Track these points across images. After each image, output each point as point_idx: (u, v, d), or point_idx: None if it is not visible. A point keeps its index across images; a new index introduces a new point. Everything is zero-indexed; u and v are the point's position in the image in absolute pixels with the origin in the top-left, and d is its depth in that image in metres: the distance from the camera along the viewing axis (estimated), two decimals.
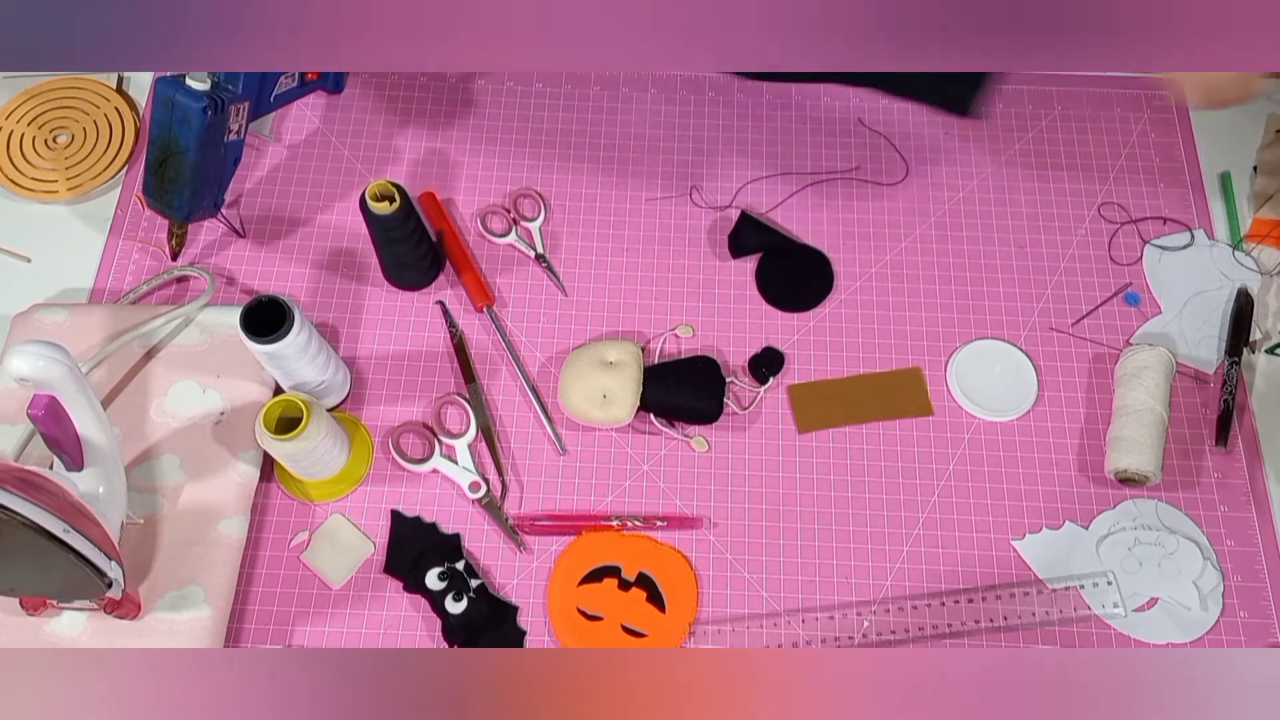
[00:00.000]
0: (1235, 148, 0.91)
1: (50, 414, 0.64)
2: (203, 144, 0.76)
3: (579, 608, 0.74)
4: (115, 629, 0.70)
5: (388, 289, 0.85)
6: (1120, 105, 0.93)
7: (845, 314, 0.84)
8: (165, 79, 0.74)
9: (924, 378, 0.82)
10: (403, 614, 0.74)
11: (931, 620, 0.74)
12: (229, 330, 0.80)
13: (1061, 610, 0.74)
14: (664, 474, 0.79)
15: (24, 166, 0.90)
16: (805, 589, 0.75)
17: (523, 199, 0.89)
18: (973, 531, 0.77)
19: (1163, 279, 0.85)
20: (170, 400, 0.77)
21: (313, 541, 0.76)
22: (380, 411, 0.80)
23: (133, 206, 0.89)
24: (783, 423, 0.80)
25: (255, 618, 0.74)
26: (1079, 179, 0.90)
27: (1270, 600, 0.74)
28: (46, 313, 0.80)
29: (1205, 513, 0.77)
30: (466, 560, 0.75)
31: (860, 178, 0.90)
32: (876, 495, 0.78)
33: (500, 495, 0.77)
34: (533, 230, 0.87)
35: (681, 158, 0.91)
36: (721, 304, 0.85)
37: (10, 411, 0.77)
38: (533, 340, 0.83)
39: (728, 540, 0.76)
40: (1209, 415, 0.80)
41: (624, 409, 0.77)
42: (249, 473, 0.75)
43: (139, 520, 0.73)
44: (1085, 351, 0.83)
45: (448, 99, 0.94)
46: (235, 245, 0.87)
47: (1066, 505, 0.78)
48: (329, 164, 0.91)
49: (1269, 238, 0.87)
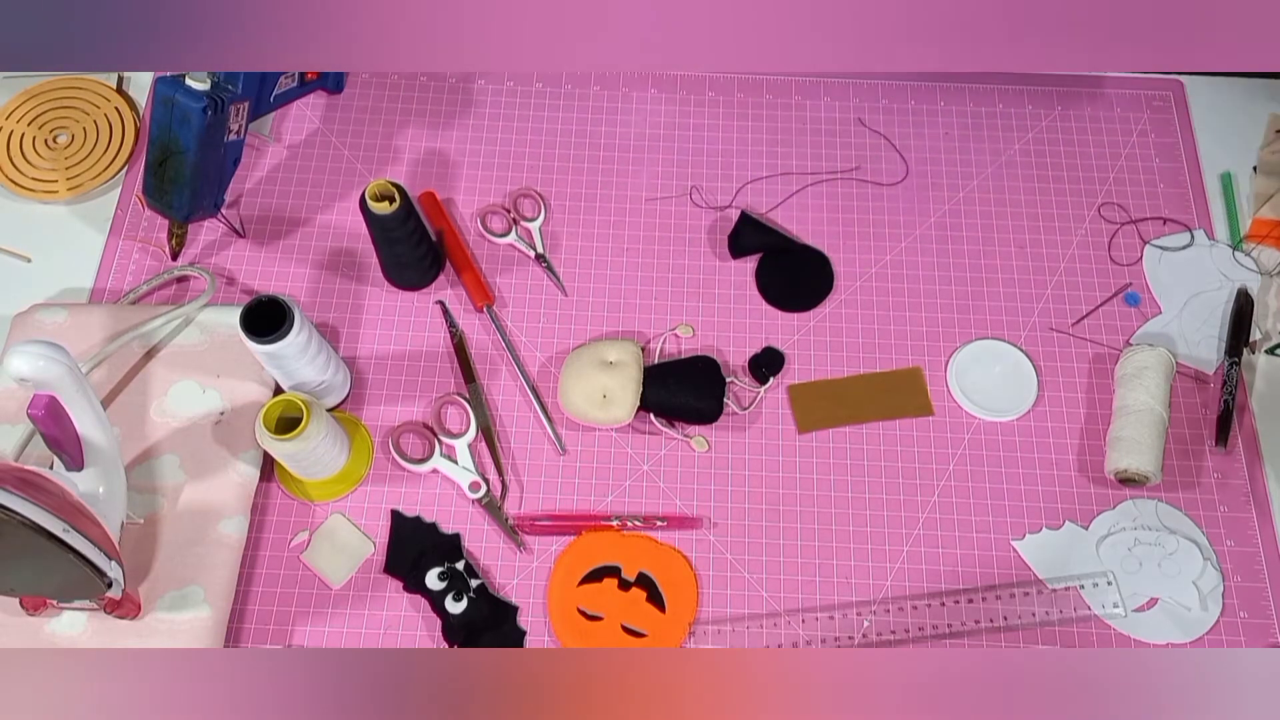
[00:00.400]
0: (1235, 148, 0.91)
1: (50, 414, 0.64)
2: (203, 144, 0.76)
3: (579, 608, 0.74)
4: (115, 629, 0.70)
5: (388, 289, 0.85)
6: (1120, 105, 0.93)
7: (845, 314, 0.84)
8: (165, 79, 0.74)
9: (924, 378, 0.82)
10: (403, 614, 0.74)
11: (931, 620, 0.74)
12: (229, 330, 0.80)
13: (1061, 610, 0.74)
14: (664, 474, 0.79)
15: (24, 166, 0.89)
16: (805, 589, 0.75)
17: (523, 199, 0.89)
18: (973, 531, 0.77)
19: (1163, 279, 0.85)
20: (170, 400, 0.77)
21: (313, 541, 0.76)
22: (380, 411, 0.80)
23: (133, 206, 0.89)
24: (783, 423, 0.80)
25: (255, 618, 0.74)
26: (1079, 179, 0.90)
27: (1270, 600, 0.74)
28: (46, 313, 0.80)
29: (1205, 513, 0.77)
30: (466, 560, 0.75)
31: (860, 178, 0.90)
32: (876, 495, 0.78)
33: (500, 495, 0.77)
34: (533, 230, 0.87)
35: (681, 158, 0.91)
36: (721, 304, 0.85)
37: (10, 411, 0.77)
38: (533, 340, 0.83)
39: (728, 540, 0.76)
40: (1209, 415, 0.80)
41: (624, 409, 0.77)
42: (249, 473, 0.75)
43: (139, 520, 0.73)
44: (1085, 351, 0.83)
45: (448, 99, 0.94)
46: (235, 245, 0.87)
47: (1066, 505, 0.78)
48: (329, 164, 0.91)
49: (1269, 238, 0.87)
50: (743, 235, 0.86)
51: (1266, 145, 0.91)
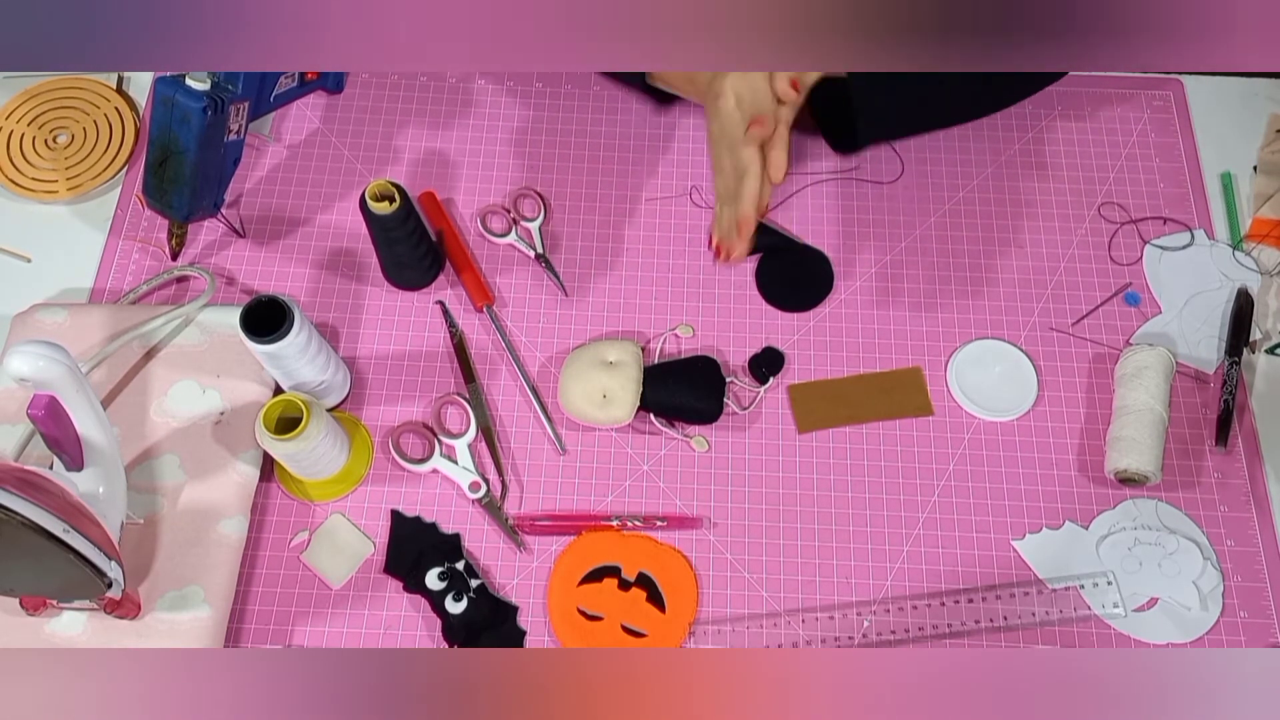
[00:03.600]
0: (1235, 148, 0.91)
1: (50, 414, 0.64)
2: (203, 144, 0.76)
3: (579, 608, 0.74)
4: (115, 629, 0.70)
5: (388, 289, 0.85)
6: (1120, 105, 0.93)
7: (845, 314, 0.84)
8: (165, 79, 0.74)
9: (924, 378, 0.82)
10: (403, 614, 0.74)
11: (931, 620, 0.74)
12: (229, 330, 0.80)
13: (1061, 610, 0.74)
14: (664, 474, 0.79)
15: (24, 166, 0.89)
16: (805, 589, 0.75)
17: (523, 199, 0.89)
18: (973, 531, 0.77)
19: (1163, 279, 0.85)
20: (170, 400, 0.77)
21: (313, 541, 0.76)
22: (380, 411, 0.80)
23: (133, 206, 0.89)
24: (783, 423, 0.80)
25: (255, 618, 0.74)
26: (1079, 179, 0.90)
27: (1270, 600, 0.74)
28: (46, 313, 0.80)
29: (1205, 513, 0.77)
30: (466, 560, 0.75)
31: (860, 178, 0.90)
32: (876, 495, 0.78)
33: (500, 495, 0.77)
34: (532, 230, 0.87)
35: (681, 158, 0.91)
36: (721, 304, 0.85)
37: (10, 411, 0.77)
38: (533, 340, 0.83)
39: (728, 540, 0.76)
40: (1209, 415, 0.80)
41: (624, 409, 0.77)
42: (249, 473, 0.75)
43: (139, 520, 0.73)
44: (1085, 351, 0.83)
45: (448, 99, 0.94)
46: (235, 245, 0.87)
47: (1066, 505, 0.78)
48: (329, 164, 0.91)
49: (1269, 238, 0.87)
50: None
51: (1266, 145, 0.91)
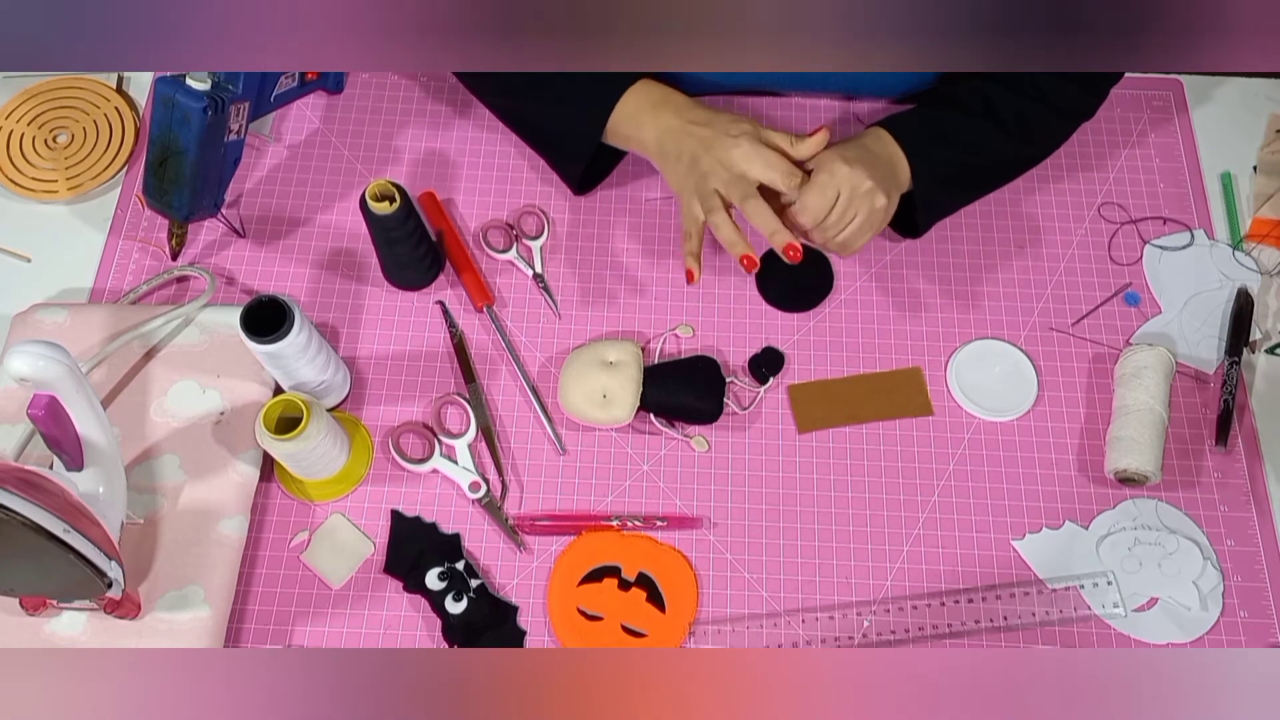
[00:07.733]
0: (1235, 148, 0.91)
1: (50, 414, 0.64)
2: (203, 144, 0.76)
3: (579, 608, 0.74)
4: (115, 629, 0.70)
5: (388, 289, 0.85)
6: (1120, 105, 0.93)
7: (845, 314, 0.84)
8: (165, 79, 0.74)
9: (924, 378, 0.82)
10: (403, 614, 0.74)
11: (931, 620, 0.74)
12: (229, 330, 0.80)
13: (1061, 610, 0.74)
14: (664, 474, 0.79)
15: (24, 166, 0.89)
16: (805, 589, 0.75)
17: (527, 216, 0.88)
18: (973, 531, 0.77)
19: (1163, 279, 0.85)
20: (170, 400, 0.77)
21: (313, 541, 0.76)
22: (380, 411, 0.80)
23: (133, 206, 0.89)
24: (783, 423, 0.80)
25: (255, 618, 0.74)
26: (1079, 179, 0.90)
27: (1270, 600, 0.74)
28: (46, 313, 0.80)
29: (1205, 513, 0.77)
30: (466, 560, 0.75)
31: None
32: (876, 495, 0.78)
33: (500, 495, 0.77)
34: (533, 249, 0.86)
35: None
36: (721, 304, 0.85)
37: (10, 411, 0.77)
38: (533, 340, 0.83)
39: (728, 540, 0.76)
40: (1209, 415, 0.80)
41: (624, 409, 0.77)
42: (249, 473, 0.75)
43: (139, 520, 0.73)
44: (1085, 351, 0.83)
45: (448, 99, 0.94)
46: (235, 245, 0.87)
47: (1066, 505, 0.78)
48: (329, 164, 0.91)
49: (1269, 238, 0.87)
50: None
51: (1266, 145, 0.91)
